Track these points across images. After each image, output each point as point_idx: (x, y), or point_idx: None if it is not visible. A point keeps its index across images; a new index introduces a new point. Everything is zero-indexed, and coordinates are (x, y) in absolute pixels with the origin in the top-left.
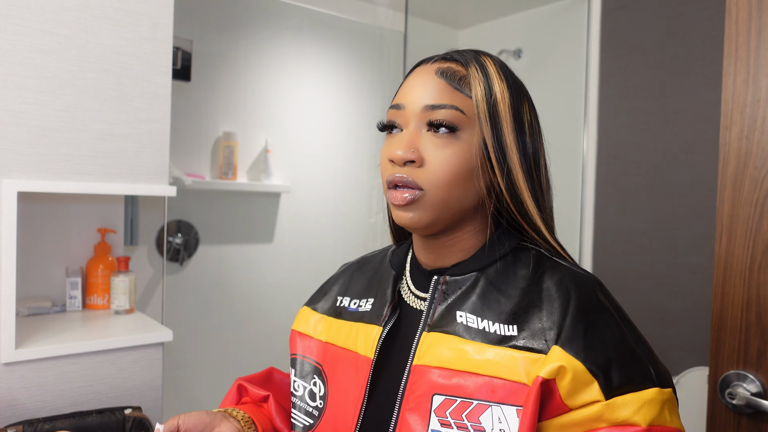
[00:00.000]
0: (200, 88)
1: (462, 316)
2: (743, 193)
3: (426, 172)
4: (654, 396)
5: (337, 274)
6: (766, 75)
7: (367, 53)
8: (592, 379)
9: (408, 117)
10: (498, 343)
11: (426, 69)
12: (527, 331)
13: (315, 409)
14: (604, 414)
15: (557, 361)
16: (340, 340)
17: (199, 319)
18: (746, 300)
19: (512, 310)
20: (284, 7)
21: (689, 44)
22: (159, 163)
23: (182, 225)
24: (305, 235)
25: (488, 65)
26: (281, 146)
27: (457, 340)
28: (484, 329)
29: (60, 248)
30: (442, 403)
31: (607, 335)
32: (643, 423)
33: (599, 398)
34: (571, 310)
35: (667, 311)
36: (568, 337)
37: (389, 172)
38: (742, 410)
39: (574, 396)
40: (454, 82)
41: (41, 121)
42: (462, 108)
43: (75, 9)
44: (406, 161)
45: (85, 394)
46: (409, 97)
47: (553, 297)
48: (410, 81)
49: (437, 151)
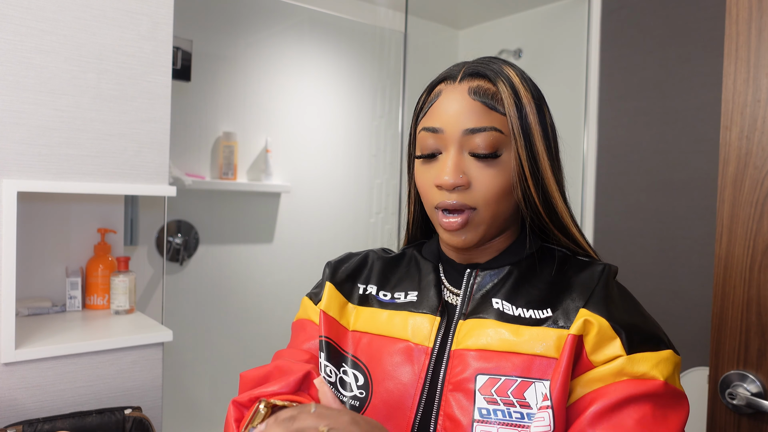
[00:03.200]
0: (200, 88)
1: (498, 303)
2: (743, 193)
3: (475, 193)
4: (669, 356)
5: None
6: (766, 75)
7: (367, 53)
8: (615, 335)
9: (447, 141)
10: (534, 325)
11: (456, 89)
12: (560, 311)
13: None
14: (625, 368)
15: (584, 317)
16: (379, 328)
17: (199, 319)
18: (746, 300)
19: (544, 298)
20: (284, 7)
21: (689, 44)
22: (159, 163)
23: (182, 225)
24: (305, 235)
25: (513, 77)
26: (281, 146)
27: (495, 323)
28: (519, 315)
29: (60, 248)
30: (486, 382)
31: (627, 305)
32: (661, 377)
33: (621, 353)
34: (597, 287)
35: (667, 311)
36: (594, 301)
37: (439, 199)
38: (742, 410)
39: (598, 351)
40: (488, 102)
41: (41, 121)
42: (500, 128)
43: (75, 9)
44: (456, 186)
45: (85, 395)
46: (445, 120)
47: (581, 283)
48: (443, 104)
49: (482, 172)
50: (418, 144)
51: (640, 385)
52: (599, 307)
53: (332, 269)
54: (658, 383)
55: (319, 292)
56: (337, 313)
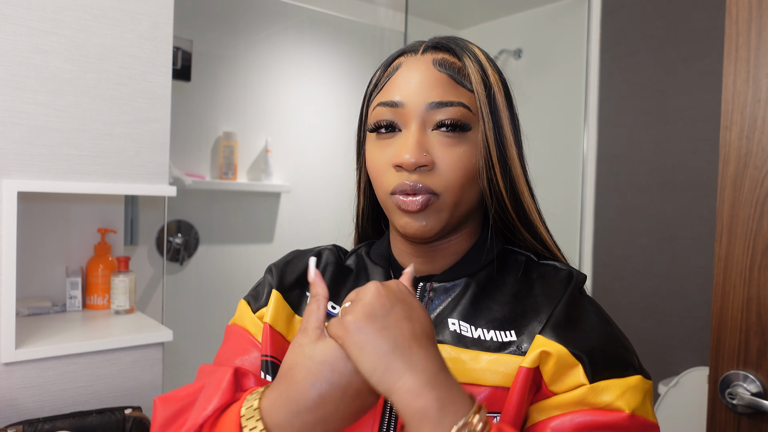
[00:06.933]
0: (200, 88)
1: (454, 324)
2: (743, 193)
3: (438, 176)
4: (637, 383)
5: (298, 267)
6: (766, 75)
7: (367, 53)
8: (576, 362)
9: (409, 115)
10: (497, 350)
11: (419, 60)
12: (525, 334)
13: None
14: (587, 397)
15: (539, 347)
16: None
17: (199, 319)
18: (746, 300)
19: (507, 317)
20: (284, 7)
21: (689, 44)
22: (159, 163)
23: (182, 225)
24: (305, 235)
25: (479, 54)
26: (281, 146)
27: (452, 349)
28: (479, 338)
29: (60, 248)
30: None
31: (591, 325)
32: (627, 409)
33: (584, 382)
34: (557, 307)
35: (667, 311)
36: (552, 325)
37: (396, 181)
38: (742, 410)
39: (558, 381)
40: (454, 75)
41: (41, 121)
42: (468, 104)
43: (75, 9)
44: (418, 166)
45: (85, 394)
46: (407, 93)
47: (547, 299)
48: (404, 74)
49: (447, 151)
50: (371, 121)
51: (603, 415)
52: (557, 332)
53: (279, 273)
54: (622, 416)
55: (260, 298)
56: (284, 327)
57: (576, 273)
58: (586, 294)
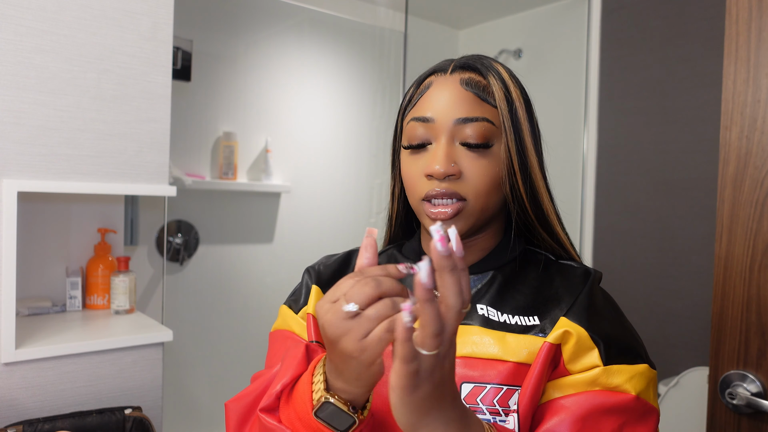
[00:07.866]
0: (200, 88)
1: (483, 308)
2: (743, 193)
3: (466, 184)
4: (644, 371)
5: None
6: (766, 75)
7: (367, 53)
8: (593, 345)
9: (438, 130)
10: (521, 333)
11: (447, 80)
12: (548, 319)
13: None
14: (599, 378)
15: (563, 327)
16: None
17: (199, 319)
18: (746, 300)
19: (530, 305)
20: (284, 7)
21: (689, 44)
22: (159, 163)
23: (182, 225)
24: (305, 235)
25: (503, 73)
26: (281, 146)
27: (480, 330)
28: (505, 322)
29: (60, 248)
30: (471, 390)
31: (608, 315)
32: (633, 391)
33: (598, 363)
34: (580, 296)
35: (667, 311)
36: (575, 310)
37: (428, 188)
38: (742, 410)
39: (575, 360)
40: (480, 93)
41: (41, 121)
42: (491, 119)
43: (75, 9)
44: (447, 175)
45: (85, 394)
46: (437, 109)
47: (567, 291)
48: (434, 93)
49: (473, 163)
50: (405, 135)
51: (612, 396)
52: (580, 317)
53: (316, 273)
54: (629, 397)
55: (300, 299)
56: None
57: (593, 270)
58: (603, 289)
